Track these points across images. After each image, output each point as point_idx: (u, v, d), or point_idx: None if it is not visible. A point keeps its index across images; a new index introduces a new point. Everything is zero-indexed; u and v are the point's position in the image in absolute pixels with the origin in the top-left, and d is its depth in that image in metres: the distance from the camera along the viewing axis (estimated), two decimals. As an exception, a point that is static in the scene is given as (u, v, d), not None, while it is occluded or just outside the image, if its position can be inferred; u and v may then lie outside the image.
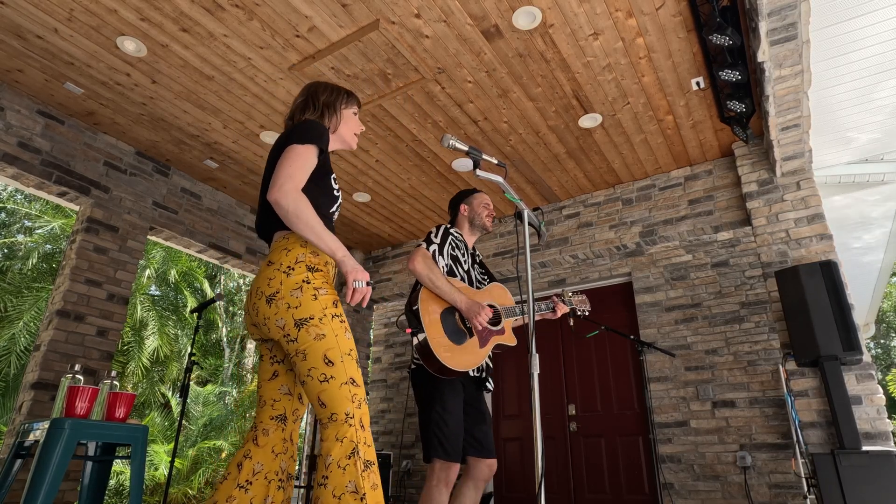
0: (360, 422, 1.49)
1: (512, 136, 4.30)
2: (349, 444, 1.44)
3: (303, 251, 1.61)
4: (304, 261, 1.59)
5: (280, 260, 1.59)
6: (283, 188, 1.54)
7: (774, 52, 3.08)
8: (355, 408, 1.49)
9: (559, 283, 5.19)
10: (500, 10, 3.14)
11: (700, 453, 4.05)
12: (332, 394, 1.49)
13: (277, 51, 3.48)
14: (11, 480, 2.49)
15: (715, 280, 4.40)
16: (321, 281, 1.59)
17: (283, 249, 1.61)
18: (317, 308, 1.54)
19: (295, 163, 1.59)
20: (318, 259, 1.62)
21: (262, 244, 5.54)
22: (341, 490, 1.39)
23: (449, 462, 2.19)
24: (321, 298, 1.56)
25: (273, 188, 1.54)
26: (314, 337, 1.51)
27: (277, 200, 1.52)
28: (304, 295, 1.54)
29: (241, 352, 13.53)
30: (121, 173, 4.47)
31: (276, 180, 1.55)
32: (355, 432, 1.46)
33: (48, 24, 3.33)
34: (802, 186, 3.97)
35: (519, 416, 5.15)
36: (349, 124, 1.91)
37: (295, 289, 1.55)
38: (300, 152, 1.62)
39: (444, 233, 2.50)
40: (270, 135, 4.34)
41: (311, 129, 1.69)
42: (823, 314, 3.41)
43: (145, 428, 2.50)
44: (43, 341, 3.89)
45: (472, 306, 2.25)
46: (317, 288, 1.57)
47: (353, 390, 1.50)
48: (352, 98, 1.94)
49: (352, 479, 1.40)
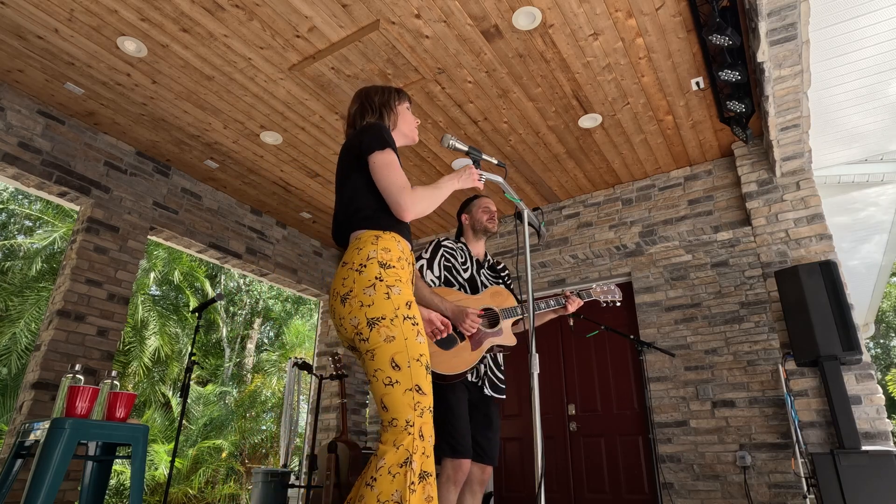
0: (420, 431, 1.45)
1: (512, 137, 4.31)
2: (404, 453, 1.41)
3: (374, 248, 1.59)
4: (376, 257, 1.57)
5: (353, 259, 1.59)
6: (402, 203, 1.63)
7: (774, 53, 3.09)
8: (417, 416, 1.46)
9: (559, 283, 5.19)
10: (500, 11, 3.14)
11: (700, 453, 4.06)
12: (396, 399, 1.46)
13: (278, 51, 3.49)
14: (12, 480, 2.49)
15: (714, 280, 4.40)
16: (394, 279, 1.57)
17: (355, 249, 1.61)
18: (389, 308, 1.52)
19: (390, 172, 1.67)
20: (389, 255, 1.60)
21: (262, 244, 5.55)
22: (386, 497, 1.37)
23: (458, 459, 2.20)
24: (394, 298, 1.53)
25: (397, 209, 1.63)
26: (384, 338, 1.49)
27: (406, 216, 1.64)
28: (377, 293, 1.52)
29: (241, 352, 13.54)
30: (121, 173, 4.48)
31: (391, 199, 1.64)
32: (412, 441, 1.43)
33: (49, 24, 3.33)
34: (802, 186, 3.98)
35: (519, 416, 5.15)
36: (406, 119, 1.97)
37: (368, 286, 1.53)
38: (387, 160, 1.68)
39: (435, 247, 2.59)
40: (270, 135, 4.34)
41: (381, 132, 1.75)
42: (823, 314, 3.41)
43: (146, 428, 2.50)
44: (43, 341, 3.90)
45: (458, 313, 2.26)
46: (390, 286, 1.54)
47: (418, 398, 1.47)
48: (403, 94, 1.99)
49: (399, 489, 1.37)
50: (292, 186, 5.14)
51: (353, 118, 1.92)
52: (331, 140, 4.40)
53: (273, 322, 14.54)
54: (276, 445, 10.96)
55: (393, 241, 1.64)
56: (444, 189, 1.76)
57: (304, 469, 5.61)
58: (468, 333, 2.28)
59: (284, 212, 5.63)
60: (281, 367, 12.41)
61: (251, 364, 13.38)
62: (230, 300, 13.54)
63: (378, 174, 1.67)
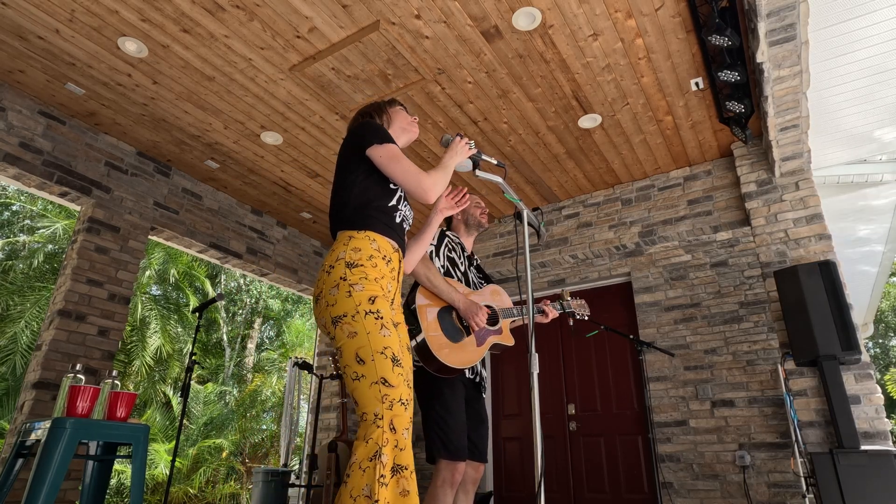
0: (391, 424, 1.45)
1: (512, 137, 4.31)
2: (373, 447, 1.41)
3: (344, 248, 1.64)
4: (344, 258, 1.61)
5: (325, 261, 1.66)
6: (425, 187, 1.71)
7: (773, 53, 3.09)
8: (385, 409, 1.46)
9: (559, 283, 5.20)
10: (500, 11, 3.15)
11: (699, 452, 4.07)
12: (363, 393, 1.48)
13: (278, 51, 3.49)
14: (13, 480, 2.50)
15: (714, 280, 4.41)
16: (359, 276, 1.59)
17: (331, 250, 1.67)
18: (350, 305, 1.55)
19: (401, 162, 1.73)
20: (359, 255, 1.63)
21: (262, 244, 5.56)
22: (357, 492, 1.38)
23: (453, 462, 2.18)
24: (355, 295, 1.56)
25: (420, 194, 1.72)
26: (347, 334, 1.53)
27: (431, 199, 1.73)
28: (340, 292, 1.57)
29: (241, 351, 13.54)
30: (122, 173, 4.49)
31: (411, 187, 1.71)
32: (381, 434, 1.43)
33: (49, 24, 3.34)
34: (801, 187, 3.98)
35: (519, 416, 5.16)
36: (401, 115, 2.03)
37: (333, 287, 1.58)
38: (391, 152, 1.74)
39: (441, 235, 2.57)
40: (271, 135, 4.35)
41: (377, 128, 1.81)
42: (822, 314, 3.42)
43: (146, 427, 2.51)
44: (44, 341, 3.91)
45: (471, 306, 2.28)
46: (352, 284, 1.57)
47: (385, 390, 1.47)
48: (393, 101, 2.07)
49: (368, 483, 1.37)
50: (293, 186, 5.15)
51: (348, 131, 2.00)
52: (331, 140, 4.41)
53: (273, 321, 14.55)
54: (276, 445, 10.97)
55: (366, 240, 1.66)
56: (448, 167, 1.84)
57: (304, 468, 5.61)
58: (476, 329, 2.30)
59: (285, 212, 5.64)
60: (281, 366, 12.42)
61: (251, 363, 13.38)
62: (230, 300, 13.55)
63: (388, 167, 1.72)
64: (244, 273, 6.39)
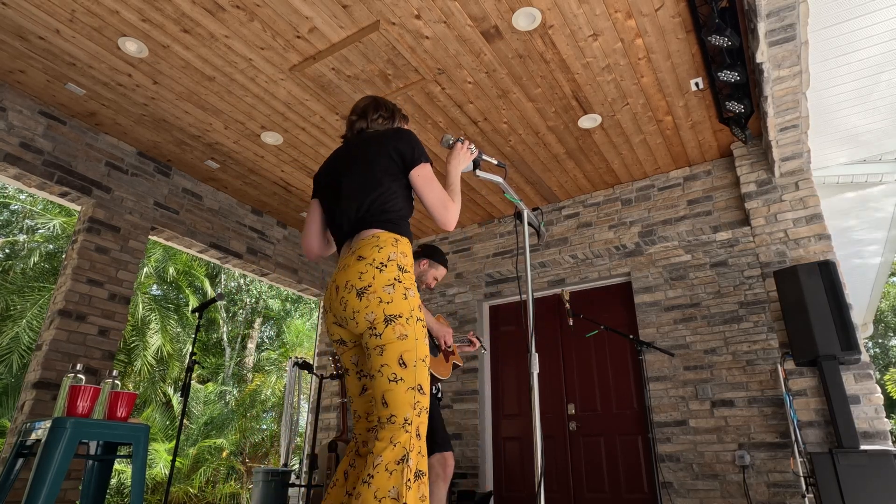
0: (417, 430, 1.49)
1: (512, 137, 4.31)
2: (401, 450, 1.44)
3: (394, 250, 1.64)
4: (396, 260, 1.63)
5: (372, 256, 1.61)
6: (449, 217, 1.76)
7: (773, 53, 3.10)
8: (415, 415, 1.49)
9: (559, 283, 5.20)
10: (500, 11, 3.15)
11: (699, 452, 4.07)
12: (397, 396, 1.49)
13: (278, 52, 3.49)
14: (13, 479, 2.50)
15: (714, 280, 4.41)
16: (410, 282, 1.63)
17: (374, 247, 1.63)
18: (406, 307, 1.57)
19: (436, 186, 1.77)
20: (406, 260, 1.66)
21: (262, 244, 5.56)
22: (383, 493, 1.38)
23: (445, 453, 2.49)
24: (410, 299, 1.59)
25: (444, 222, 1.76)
26: (398, 335, 1.53)
27: (451, 228, 1.78)
28: (396, 292, 1.57)
29: (241, 351, 13.55)
30: (122, 174, 4.49)
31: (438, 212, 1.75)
32: (409, 439, 1.46)
33: (50, 24, 3.34)
34: (801, 187, 3.98)
35: (519, 416, 5.16)
36: None
37: (387, 284, 1.57)
38: (432, 174, 1.79)
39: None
40: (271, 135, 4.35)
41: (421, 144, 1.87)
42: (822, 314, 3.42)
43: (146, 427, 2.51)
44: (45, 341, 3.91)
45: (441, 328, 2.75)
46: (407, 288, 1.60)
47: (419, 397, 1.51)
48: (407, 119, 2.11)
49: (395, 486, 1.39)
50: (293, 186, 5.15)
51: (365, 110, 1.96)
52: (331, 140, 4.41)
53: (273, 321, 14.55)
54: (276, 445, 10.97)
55: (409, 247, 1.71)
56: (458, 182, 1.88)
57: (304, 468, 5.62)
58: (444, 347, 2.79)
59: (285, 212, 5.64)
60: (281, 366, 12.42)
61: (252, 363, 13.39)
62: (230, 299, 13.55)
63: (426, 187, 1.75)
64: (244, 273, 6.39)
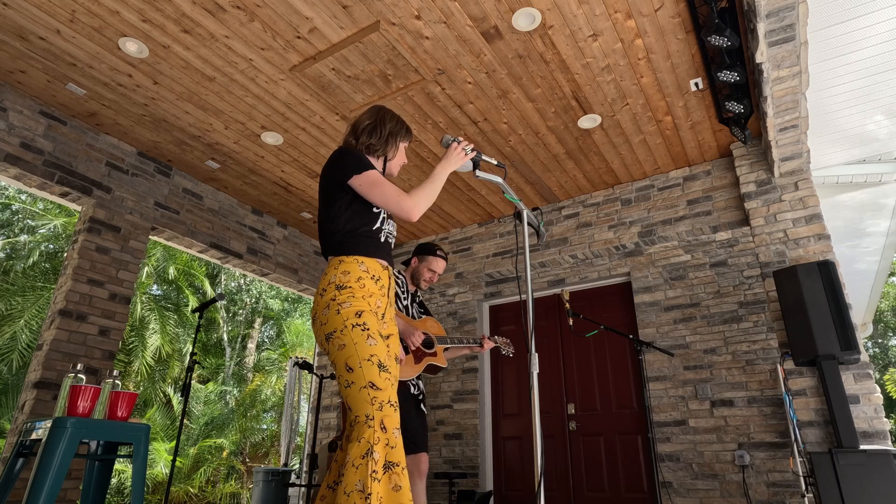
0: (381, 424, 1.55)
1: (511, 137, 4.32)
2: (365, 445, 1.50)
3: (334, 272, 1.76)
4: (335, 281, 1.74)
5: (319, 285, 1.79)
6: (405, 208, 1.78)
7: (772, 54, 3.10)
8: (375, 410, 1.56)
9: (559, 283, 5.21)
10: (500, 12, 3.15)
11: (699, 452, 4.07)
12: (354, 397, 1.58)
13: (278, 52, 3.50)
14: (14, 479, 2.50)
15: (713, 280, 4.41)
16: (346, 296, 1.72)
17: (324, 274, 1.81)
18: (338, 322, 1.68)
19: (381, 188, 1.80)
20: (347, 278, 1.75)
21: (263, 244, 5.57)
22: (351, 488, 1.45)
23: (418, 454, 2.65)
24: (343, 312, 1.69)
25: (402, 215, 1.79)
26: (337, 348, 1.66)
27: (413, 217, 1.80)
28: (330, 312, 1.70)
29: (241, 351, 13.55)
30: (123, 174, 4.50)
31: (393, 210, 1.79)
32: (373, 433, 1.52)
33: (50, 25, 3.34)
34: (800, 187, 3.99)
35: (518, 415, 5.17)
36: (399, 158, 2.10)
37: (324, 308, 1.71)
38: (370, 179, 1.81)
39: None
40: (271, 135, 4.36)
41: (357, 157, 1.87)
42: (821, 314, 3.42)
43: (147, 427, 2.51)
44: (45, 340, 3.91)
45: (407, 328, 2.77)
46: (340, 303, 1.70)
47: (373, 393, 1.58)
48: (409, 134, 2.11)
49: (361, 479, 1.45)
50: (293, 187, 5.16)
51: (359, 130, 2.01)
52: (331, 140, 4.42)
53: (273, 321, 14.55)
54: (276, 444, 10.98)
55: (354, 264, 1.78)
56: (439, 179, 1.89)
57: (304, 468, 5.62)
58: (412, 348, 2.81)
59: (285, 212, 5.65)
60: (281, 366, 12.42)
61: (252, 363, 13.39)
62: (231, 299, 13.55)
63: (370, 194, 1.80)
64: (244, 273, 6.39)
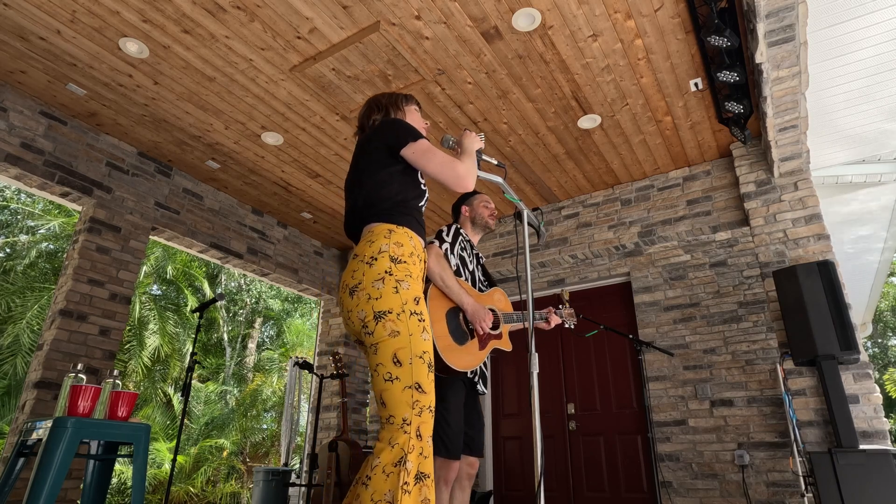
0: (418, 430, 1.42)
1: (511, 137, 4.32)
2: (399, 452, 1.38)
3: (386, 241, 1.58)
4: (388, 251, 1.56)
5: (364, 252, 1.58)
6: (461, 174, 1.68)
7: (772, 54, 3.10)
8: (414, 415, 1.42)
9: (559, 283, 5.21)
10: (500, 12, 3.16)
11: (698, 452, 4.08)
12: (394, 395, 1.43)
13: (278, 52, 3.50)
14: (14, 479, 2.51)
15: (713, 280, 4.42)
16: (404, 273, 1.54)
17: (367, 242, 1.60)
18: (397, 302, 1.49)
19: (436, 155, 1.70)
20: (401, 250, 1.58)
21: (263, 244, 5.57)
22: (380, 497, 1.35)
23: (449, 460, 2.20)
24: (402, 292, 1.51)
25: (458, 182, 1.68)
26: (389, 332, 1.47)
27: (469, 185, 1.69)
28: (386, 287, 1.50)
29: (242, 351, 13.55)
30: (123, 174, 4.50)
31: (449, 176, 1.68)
32: (408, 440, 1.40)
33: (51, 25, 3.35)
34: (800, 187, 3.99)
35: (518, 415, 5.17)
36: (415, 119, 1.97)
37: (377, 279, 1.51)
38: (425, 147, 1.72)
39: (455, 232, 2.54)
40: (272, 135, 4.36)
41: (407, 125, 1.78)
42: (821, 314, 3.43)
43: (147, 427, 2.52)
44: (46, 340, 3.92)
45: (479, 310, 2.28)
46: (399, 280, 1.52)
47: (417, 396, 1.44)
48: (410, 98, 2.00)
49: (391, 489, 1.34)
50: (293, 187, 5.16)
51: (362, 120, 1.95)
52: (331, 141, 4.42)
53: (274, 321, 14.56)
54: (277, 444, 10.98)
55: (406, 236, 1.63)
56: (474, 153, 1.84)
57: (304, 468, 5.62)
58: (482, 333, 2.31)
59: (285, 212, 5.65)
60: (282, 366, 12.43)
61: (252, 363, 13.39)
62: (231, 299, 13.55)
63: (422, 160, 1.70)
64: (244, 273, 6.40)
